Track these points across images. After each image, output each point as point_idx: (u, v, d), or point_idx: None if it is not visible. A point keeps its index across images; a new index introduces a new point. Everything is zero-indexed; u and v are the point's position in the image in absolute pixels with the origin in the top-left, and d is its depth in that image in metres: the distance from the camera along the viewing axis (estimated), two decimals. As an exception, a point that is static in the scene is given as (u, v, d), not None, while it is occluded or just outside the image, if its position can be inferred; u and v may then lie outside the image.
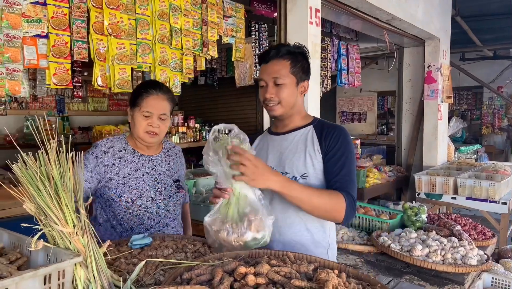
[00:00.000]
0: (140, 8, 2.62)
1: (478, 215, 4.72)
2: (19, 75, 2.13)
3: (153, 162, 1.95)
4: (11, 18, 2.08)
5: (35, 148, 0.99)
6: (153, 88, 1.86)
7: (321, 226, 1.66)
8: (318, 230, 1.65)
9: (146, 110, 1.82)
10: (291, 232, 1.62)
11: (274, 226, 1.55)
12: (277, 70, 1.61)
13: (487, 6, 6.24)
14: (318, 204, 1.47)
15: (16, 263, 0.98)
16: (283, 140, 1.70)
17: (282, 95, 1.61)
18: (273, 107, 1.63)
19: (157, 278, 1.16)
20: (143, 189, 1.86)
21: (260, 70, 1.71)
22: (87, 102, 6.79)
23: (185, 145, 5.73)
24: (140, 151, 1.94)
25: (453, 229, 2.63)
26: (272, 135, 1.76)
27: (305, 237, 1.63)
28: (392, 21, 4.72)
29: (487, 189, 4.02)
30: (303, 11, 3.24)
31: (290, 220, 1.62)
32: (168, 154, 2.04)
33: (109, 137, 1.94)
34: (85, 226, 1.01)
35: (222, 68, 6.85)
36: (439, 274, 2.18)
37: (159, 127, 1.84)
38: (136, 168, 1.89)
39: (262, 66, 1.69)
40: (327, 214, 1.51)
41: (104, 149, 1.87)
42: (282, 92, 1.61)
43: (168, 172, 1.98)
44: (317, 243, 1.64)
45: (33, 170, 0.98)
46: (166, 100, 1.87)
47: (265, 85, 1.64)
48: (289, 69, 1.62)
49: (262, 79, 1.65)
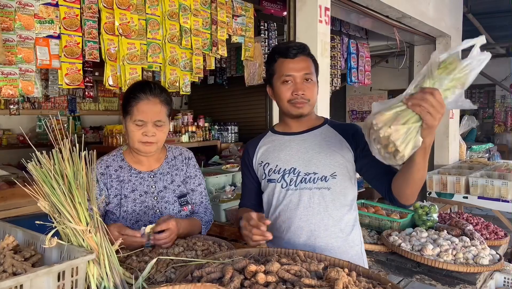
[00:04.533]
0: (150, 9, 2.64)
1: (490, 214, 4.66)
2: (32, 76, 2.17)
3: (152, 178, 1.73)
4: (24, 19, 2.11)
5: (48, 147, 1.01)
6: (143, 92, 1.62)
7: (352, 224, 1.60)
8: (350, 229, 1.59)
9: (138, 119, 1.60)
10: (327, 235, 1.55)
11: (308, 231, 1.54)
12: (307, 67, 1.55)
13: (499, 3, 6.15)
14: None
15: (31, 260, 0.99)
16: (303, 140, 1.61)
17: (312, 93, 1.55)
18: (302, 104, 1.54)
19: (168, 275, 1.17)
20: (139, 212, 1.68)
21: (282, 65, 1.56)
22: (98, 102, 6.86)
23: (194, 144, 5.75)
24: (138, 166, 1.73)
25: (464, 229, 2.60)
26: (284, 136, 1.67)
27: (340, 239, 1.56)
28: (403, 19, 4.68)
29: (500, 188, 3.97)
30: (312, 9, 3.23)
31: (324, 222, 1.55)
32: (172, 164, 1.80)
33: (103, 157, 1.74)
34: (98, 223, 1.02)
35: (232, 68, 6.86)
36: (450, 274, 2.16)
37: (155, 135, 1.63)
38: (132, 189, 1.69)
39: (284, 62, 1.55)
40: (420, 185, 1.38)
41: (102, 171, 1.69)
42: (312, 89, 1.55)
43: (170, 186, 1.75)
44: (351, 242, 1.59)
45: (47, 169, 1.00)
46: (159, 104, 1.63)
47: (292, 82, 1.54)
48: (313, 67, 1.58)
49: (290, 75, 1.53)
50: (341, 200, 1.56)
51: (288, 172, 1.58)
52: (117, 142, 4.85)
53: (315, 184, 1.54)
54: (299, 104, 1.54)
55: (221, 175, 3.67)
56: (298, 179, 1.56)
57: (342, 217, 1.56)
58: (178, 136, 5.55)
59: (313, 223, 1.54)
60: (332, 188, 1.54)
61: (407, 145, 1.16)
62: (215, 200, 3.10)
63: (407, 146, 1.16)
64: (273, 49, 1.65)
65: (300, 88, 1.52)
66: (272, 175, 1.61)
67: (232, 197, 3.21)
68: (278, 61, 1.57)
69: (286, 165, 1.59)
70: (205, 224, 1.80)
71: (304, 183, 1.55)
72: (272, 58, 1.60)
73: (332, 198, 1.55)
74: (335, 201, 1.55)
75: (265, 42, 4.84)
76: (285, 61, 1.55)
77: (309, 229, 1.54)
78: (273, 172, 1.61)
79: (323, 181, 1.54)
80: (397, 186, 1.41)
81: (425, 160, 1.27)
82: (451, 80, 1.15)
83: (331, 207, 1.54)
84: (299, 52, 1.55)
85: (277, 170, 1.60)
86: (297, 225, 1.56)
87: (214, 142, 6.33)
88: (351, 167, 1.58)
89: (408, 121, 1.14)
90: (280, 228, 1.60)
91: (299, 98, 1.53)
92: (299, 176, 1.56)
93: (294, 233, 1.56)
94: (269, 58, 1.64)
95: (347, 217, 1.58)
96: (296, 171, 1.57)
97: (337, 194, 1.55)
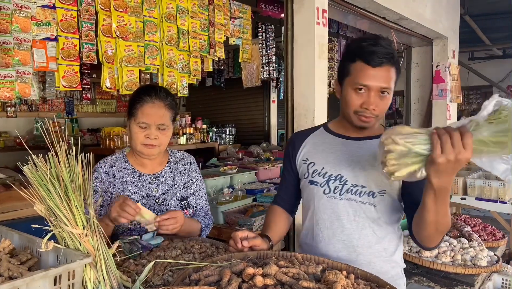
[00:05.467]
0: (148, 11, 2.64)
1: (488, 216, 4.67)
2: (28, 78, 2.16)
3: (155, 181, 1.76)
4: (21, 21, 2.10)
5: (45, 149, 1.00)
6: (148, 95, 1.65)
7: (397, 244, 1.48)
8: (395, 248, 1.47)
9: (142, 121, 1.62)
10: (370, 253, 1.43)
11: (350, 246, 1.43)
12: (388, 79, 1.33)
13: (496, 5, 6.19)
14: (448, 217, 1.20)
15: (27, 264, 0.99)
16: (358, 148, 1.45)
17: (383, 108, 1.36)
18: (369, 119, 1.37)
19: (166, 279, 1.17)
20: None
21: (360, 71, 1.34)
22: (96, 104, 6.86)
23: (192, 146, 5.75)
24: (141, 169, 1.76)
25: (462, 230, 2.61)
26: (337, 137, 1.51)
27: (383, 258, 1.44)
28: (400, 21, 4.70)
29: (497, 189, 3.97)
30: (310, 11, 3.23)
31: (368, 239, 1.43)
32: (174, 168, 1.82)
33: (107, 157, 1.77)
34: (95, 227, 1.02)
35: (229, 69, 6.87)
36: (448, 275, 2.16)
37: (158, 139, 1.65)
38: (135, 190, 1.72)
39: (363, 67, 1.33)
40: (442, 235, 1.27)
41: (106, 170, 1.72)
42: (384, 104, 1.36)
43: (172, 190, 1.78)
44: (394, 263, 1.46)
45: (43, 172, 0.99)
46: (164, 108, 1.66)
47: (366, 92, 1.34)
48: (395, 78, 1.36)
49: (366, 85, 1.33)
50: (386, 218, 1.43)
51: (334, 178, 1.44)
52: (114, 145, 4.84)
53: (361, 197, 1.41)
54: (365, 118, 1.37)
55: (219, 177, 3.66)
56: (344, 188, 1.43)
57: (386, 235, 1.44)
58: (176, 138, 5.54)
59: (356, 238, 1.42)
60: (378, 206, 1.41)
61: (401, 166, 1.05)
62: (213, 202, 3.09)
63: (400, 167, 1.05)
64: (355, 46, 1.39)
65: (372, 103, 1.33)
66: (316, 177, 1.48)
67: (230, 199, 3.21)
68: (357, 63, 1.34)
69: (334, 170, 1.45)
70: (205, 228, 1.81)
71: (350, 194, 1.42)
72: (351, 57, 1.37)
73: (378, 215, 1.42)
74: (380, 219, 1.42)
75: (263, 44, 4.85)
76: (365, 68, 1.32)
77: (351, 244, 1.43)
78: (318, 174, 1.48)
79: (370, 196, 1.40)
80: (414, 225, 1.31)
81: (436, 203, 1.13)
82: (494, 134, 0.98)
83: (376, 225, 1.43)
84: (385, 62, 1.32)
85: (323, 173, 1.47)
86: (339, 238, 1.45)
87: (212, 144, 6.33)
88: (399, 186, 1.41)
89: (416, 143, 1.04)
90: (317, 236, 1.49)
91: (367, 113, 1.35)
92: (346, 185, 1.43)
93: (334, 245, 1.45)
94: (348, 55, 1.40)
95: (391, 236, 1.45)
96: (343, 178, 1.43)
97: (382, 212, 1.42)
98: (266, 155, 5.47)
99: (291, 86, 3.32)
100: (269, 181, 4.13)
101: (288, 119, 3.35)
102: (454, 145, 0.98)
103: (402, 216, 1.50)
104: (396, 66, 1.37)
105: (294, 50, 3.31)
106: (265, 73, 5.11)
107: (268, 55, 4.98)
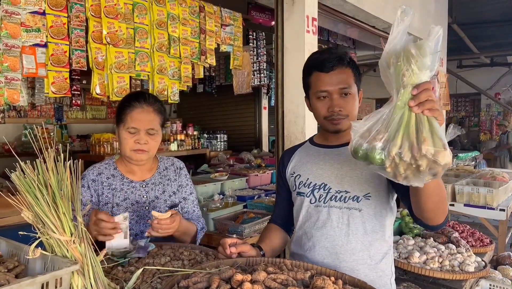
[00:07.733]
0: (139, 17, 2.64)
1: (477, 222, 4.72)
2: (17, 84, 2.15)
3: (144, 188, 1.75)
4: (10, 27, 2.10)
5: (34, 156, 1.00)
6: (137, 100, 1.66)
7: (384, 252, 1.45)
8: (382, 256, 1.44)
9: (131, 126, 1.63)
10: (353, 260, 1.41)
11: (333, 253, 1.43)
12: (345, 80, 1.41)
13: (484, 14, 6.31)
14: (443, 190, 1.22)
15: (14, 271, 0.98)
16: (339, 155, 1.48)
17: (350, 108, 1.42)
18: (340, 121, 1.43)
19: (154, 286, 1.17)
20: (131, 221, 1.67)
21: (317, 80, 1.44)
22: (86, 110, 6.82)
23: (183, 153, 5.74)
24: (130, 176, 1.75)
25: (450, 236, 2.63)
26: (320, 148, 1.57)
27: (368, 266, 1.42)
28: (388, 29, 4.72)
29: (485, 195, 4.02)
30: (300, 19, 3.27)
31: (352, 245, 1.42)
32: (164, 174, 1.81)
33: (96, 164, 1.76)
34: (82, 234, 1.02)
35: (221, 76, 6.89)
36: (436, 281, 2.18)
37: (147, 144, 1.66)
38: (124, 197, 1.71)
39: (319, 76, 1.43)
40: (444, 205, 1.25)
41: (93, 177, 1.71)
42: (350, 104, 1.42)
43: (162, 196, 1.77)
44: (380, 272, 1.43)
45: (31, 179, 0.99)
46: (153, 113, 1.68)
47: (328, 97, 1.42)
48: (353, 78, 1.44)
49: (325, 91, 1.42)
50: (373, 224, 1.42)
51: (319, 187, 1.48)
52: (104, 151, 4.81)
53: (346, 203, 1.43)
54: (335, 122, 1.43)
55: (210, 183, 3.66)
56: (328, 195, 1.45)
57: (372, 242, 1.42)
58: (167, 144, 5.53)
59: (339, 245, 1.42)
60: (363, 210, 1.41)
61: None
62: (203, 209, 3.08)
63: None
64: (309, 60, 1.51)
65: (336, 105, 1.41)
66: (302, 188, 1.52)
67: (221, 205, 3.20)
68: (313, 74, 1.45)
69: (317, 180, 1.49)
70: (200, 230, 1.83)
71: (334, 201, 1.44)
72: (308, 71, 1.49)
73: (362, 220, 1.41)
74: (366, 224, 1.42)
75: (254, 51, 4.88)
76: (320, 75, 1.43)
77: (334, 251, 1.43)
78: (303, 185, 1.52)
79: (355, 201, 1.42)
80: (414, 208, 1.29)
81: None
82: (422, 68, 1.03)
83: (361, 231, 1.42)
84: (336, 65, 1.41)
85: (308, 183, 1.50)
86: (322, 244, 1.45)
87: (203, 150, 6.33)
88: (390, 189, 1.43)
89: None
90: (304, 245, 1.51)
91: (335, 115, 1.42)
92: (330, 192, 1.45)
93: (319, 253, 1.46)
94: (305, 70, 1.51)
95: (378, 243, 1.43)
96: (327, 187, 1.46)
97: (369, 217, 1.42)
98: (257, 161, 5.47)
99: (281, 93, 3.34)
100: (259, 187, 4.13)
101: (278, 126, 3.37)
102: (435, 100, 1.03)
103: (393, 221, 1.51)
104: (352, 66, 1.45)
105: (284, 58, 3.33)
106: (256, 80, 5.14)
107: (259, 62, 5.01)
